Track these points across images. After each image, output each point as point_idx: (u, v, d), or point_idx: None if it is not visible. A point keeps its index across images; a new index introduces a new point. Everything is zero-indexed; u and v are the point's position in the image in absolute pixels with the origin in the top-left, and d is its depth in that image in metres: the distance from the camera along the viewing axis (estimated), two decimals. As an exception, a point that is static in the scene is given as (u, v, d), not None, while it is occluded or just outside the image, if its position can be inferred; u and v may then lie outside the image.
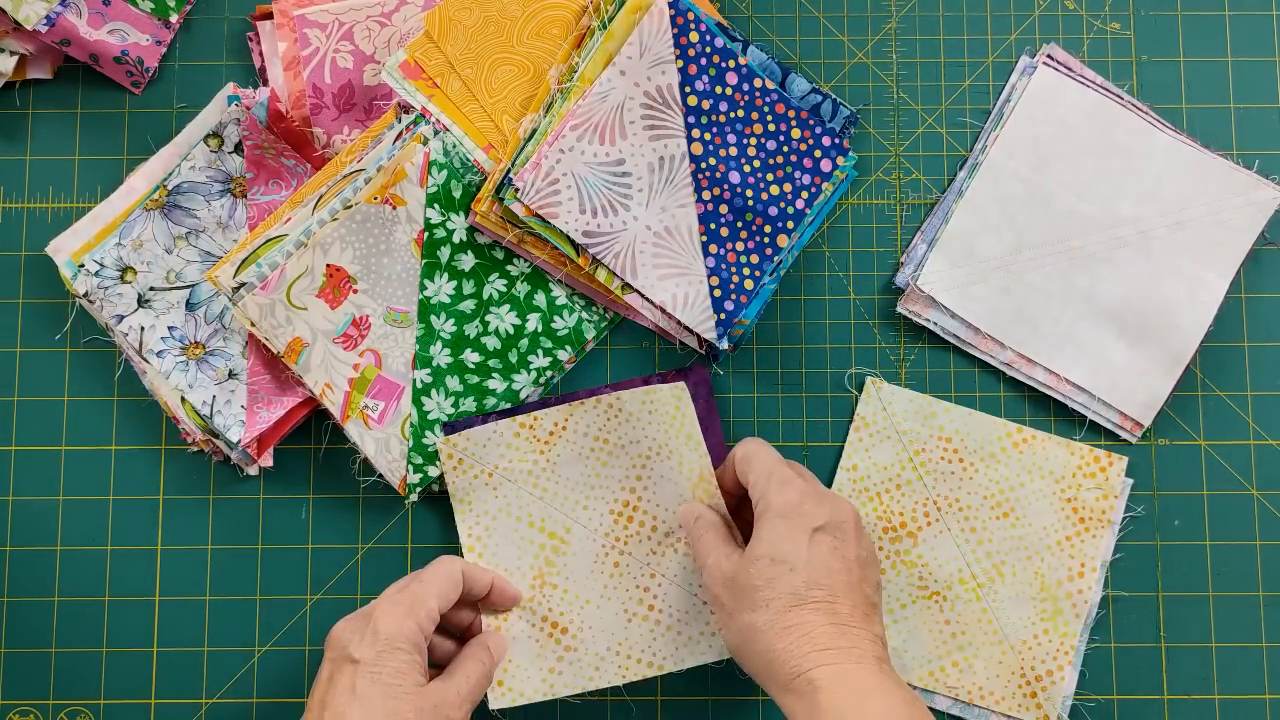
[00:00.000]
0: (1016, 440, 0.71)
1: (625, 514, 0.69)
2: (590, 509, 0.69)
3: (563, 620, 0.69)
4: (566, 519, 0.69)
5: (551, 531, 0.69)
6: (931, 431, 0.71)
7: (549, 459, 0.70)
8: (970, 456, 0.71)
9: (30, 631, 0.71)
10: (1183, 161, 0.72)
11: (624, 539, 0.69)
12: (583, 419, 0.70)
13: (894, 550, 0.71)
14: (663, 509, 0.69)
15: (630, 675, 0.68)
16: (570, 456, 0.70)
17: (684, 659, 0.68)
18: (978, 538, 0.71)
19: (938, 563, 0.70)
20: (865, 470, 0.71)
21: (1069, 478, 0.71)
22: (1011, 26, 0.75)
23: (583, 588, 0.69)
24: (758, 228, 0.70)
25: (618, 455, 0.69)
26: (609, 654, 0.68)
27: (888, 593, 0.70)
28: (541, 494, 0.69)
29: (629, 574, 0.69)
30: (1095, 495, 0.71)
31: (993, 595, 0.70)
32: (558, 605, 0.69)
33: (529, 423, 0.70)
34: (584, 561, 0.69)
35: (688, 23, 0.68)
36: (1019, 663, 0.69)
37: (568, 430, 0.70)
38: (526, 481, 0.70)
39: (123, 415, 0.72)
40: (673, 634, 0.68)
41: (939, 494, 0.71)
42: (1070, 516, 0.70)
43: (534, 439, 0.70)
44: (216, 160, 0.71)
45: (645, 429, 0.69)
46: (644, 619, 0.69)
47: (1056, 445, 0.71)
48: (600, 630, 0.69)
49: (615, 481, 0.69)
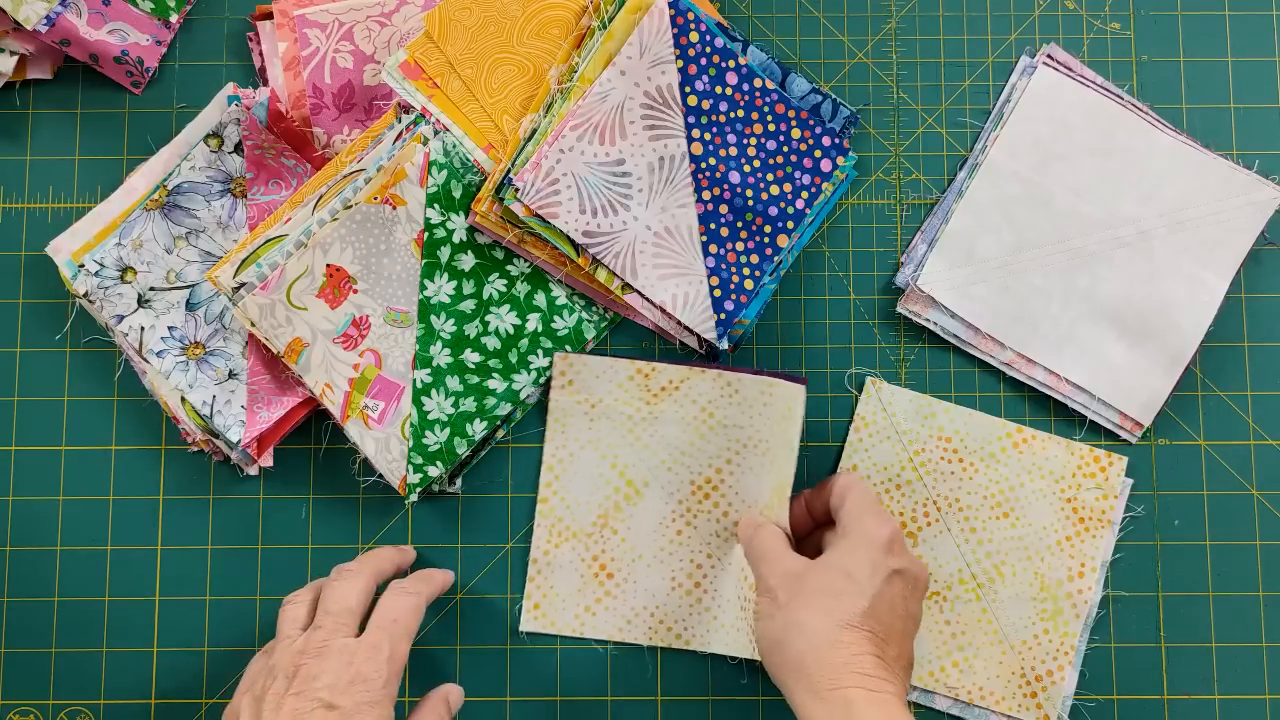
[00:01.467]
0: (1016, 440, 0.71)
1: (704, 490, 0.70)
2: (674, 472, 0.71)
3: (611, 566, 0.71)
4: (648, 473, 0.71)
5: (630, 480, 0.71)
6: (931, 431, 0.71)
7: (652, 411, 0.71)
8: (970, 456, 0.71)
9: (30, 631, 0.71)
10: (1183, 162, 0.72)
11: (695, 512, 0.70)
12: (697, 385, 0.71)
13: None
14: (740, 498, 0.70)
15: (657, 640, 0.70)
16: (673, 416, 0.71)
17: (710, 643, 0.70)
18: (978, 538, 0.71)
19: (937, 563, 0.70)
20: (865, 470, 0.71)
21: (1069, 478, 0.71)
22: (1011, 26, 0.75)
23: (641, 543, 0.70)
24: (758, 228, 0.71)
25: (717, 432, 0.70)
26: (644, 612, 0.70)
27: None
28: (634, 441, 0.71)
29: (688, 545, 0.70)
30: (1095, 495, 0.71)
31: (992, 595, 0.70)
32: (612, 550, 0.71)
33: (646, 370, 0.71)
34: (651, 519, 0.71)
35: (688, 23, 0.68)
36: (1019, 663, 0.69)
37: (680, 391, 0.71)
38: (624, 424, 0.71)
39: (123, 415, 0.72)
40: (709, 616, 0.70)
41: (939, 494, 0.71)
42: (1070, 516, 0.70)
43: (645, 388, 0.71)
44: (216, 160, 0.71)
45: (753, 418, 0.70)
46: (688, 592, 0.70)
47: (1056, 445, 0.71)
48: (643, 588, 0.70)
49: (706, 455, 0.70)
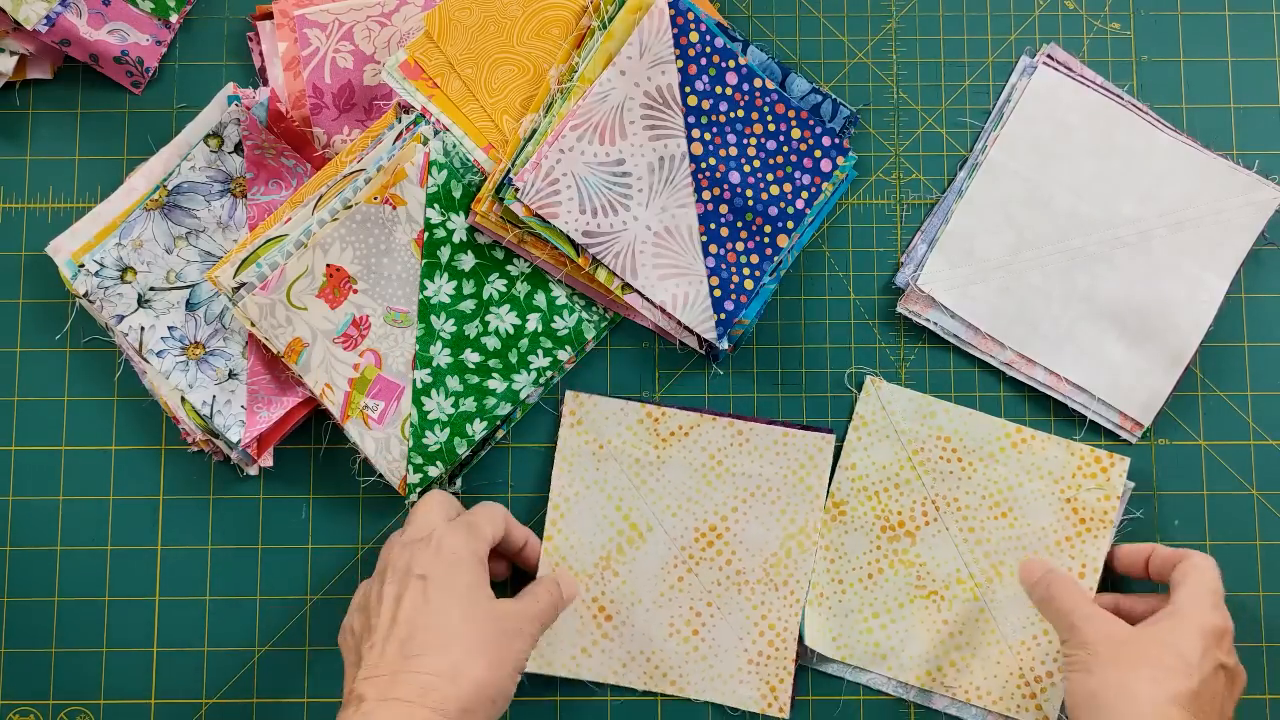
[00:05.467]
0: (1015, 440, 0.71)
1: (709, 536, 0.70)
2: (678, 517, 0.70)
3: (610, 608, 0.70)
4: (652, 518, 0.70)
5: (634, 523, 0.70)
6: (930, 431, 0.71)
7: (660, 455, 0.71)
8: (969, 456, 0.71)
9: (30, 631, 0.71)
10: (1183, 161, 0.72)
11: (698, 558, 0.70)
12: (708, 432, 0.71)
13: (892, 550, 0.71)
14: (744, 548, 0.70)
15: (652, 685, 0.70)
16: (681, 461, 0.71)
17: (705, 691, 0.70)
18: (976, 537, 0.71)
19: (936, 562, 0.70)
20: (864, 469, 0.71)
21: (1069, 478, 0.71)
22: (1011, 26, 0.75)
23: (641, 587, 0.70)
24: (758, 228, 0.71)
25: (725, 479, 0.71)
26: (640, 657, 0.70)
27: (885, 592, 0.70)
28: (640, 485, 0.70)
29: (688, 593, 0.70)
30: (1097, 496, 0.70)
31: (991, 595, 0.70)
32: (611, 592, 0.70)
33: (656, 415, 0.71)
34: (653, 563, 0.70)
35: (688, 23, 0.68)
36: (1017, 663, 0.69)
37: (689, 437, 0.71)
38: (631, 467, 0.71)
39: (123, 415, 0.72)
40: (705, 664, 0.70)
41: (938, 493, 0.71)
42: (1070, 517, 0.70)
43: (654, 432, 0.71)
44: (216, 160, 0.71)
45: (763, 466, 0.70)
46: (685, 640, 0.70)
47: (1056, 445, 0.71)
48: (641, 633, 0.70)
49: (713, 502, 0.70)
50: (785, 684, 0.70)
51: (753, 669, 0.70)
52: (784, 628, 0.70)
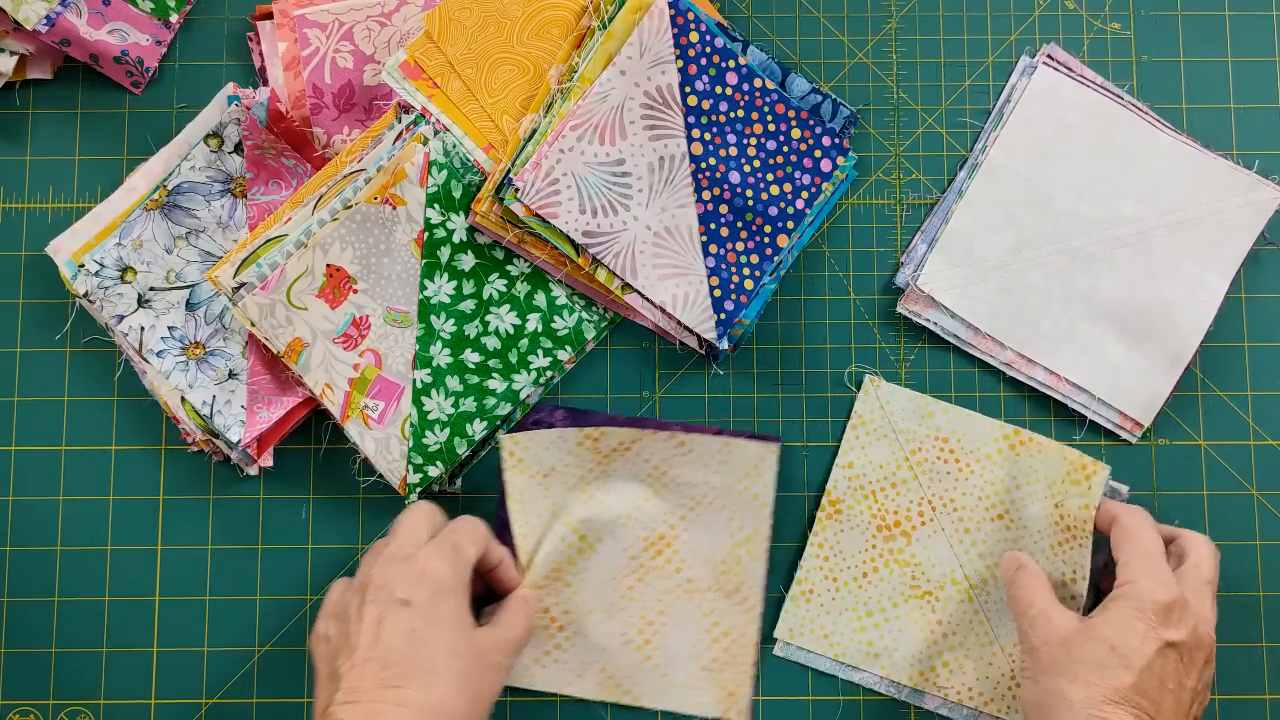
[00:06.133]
0: (1014, 442, 0.71)
1: (657, 545, 0.70)
2: (627, 526, 0.69)
3: (562, 618, 0.69)
4: (600, 528, 0.69)
5: (583, 535, 0.69)
6: (928, 431, 0.71)
7: (604, 470, 0.70)
8: (966, 457, 0.71)
9: (30, 631, 0.71)
10: (1183, 161, 0.72)
11: (648, 567, 0.69)
12: (649, 445, 0.69)
13: (887, 549, 0.70)
14: (693, 555, 0.69)
15: (607, 696, 0.70)
16: (626, 474, 0.70)
17: (660, 700, 0.69)
18: (971, 539, 0.70)
19: (930, 563, 0.70)
20: (861, 468, 0.71)
21: (1058, 484, 0.69)
22: (1011, 26, 0.75)
23: (592, 597, 0.69)
24: (758, 228, 0.71)
25: (671, 489, 0.70)
26: (593, 667, 0.69)
27: (879, 591, 0.70)
28: (587, 499, 0.69)
29: (639, 602, 0.69)
30: (1078, 504, 0.67)
31: (984, 597, 0.70)
32: (562, 602, 0.69)
33: (595, 435, 0.69)
34: (603, 573, 0.69)
35: (688, 23, 0.68)
36: (1010, 665, 0.69)
37: (631, 452, 0.69)
38: (576, 484, 0.69)
39: (123, 415, 0.72)
40: (658, 674, 0.69)
41: (934, 494, 0.71)
42: (1059, 522, 0.68)
43: (595, 451, 0.69)
44: (216, 160, 0.71)
45: (708, 475, 0.69)
46: (637, 649, 0.69)
47: (1051, 449, 0.70)
48: (593, 643, 0.69)
49: (660, 511, 0.69)
50: (744, 689, 0.69)
51: (707, 676, 0.69)
52: (739, 634, 0.69)
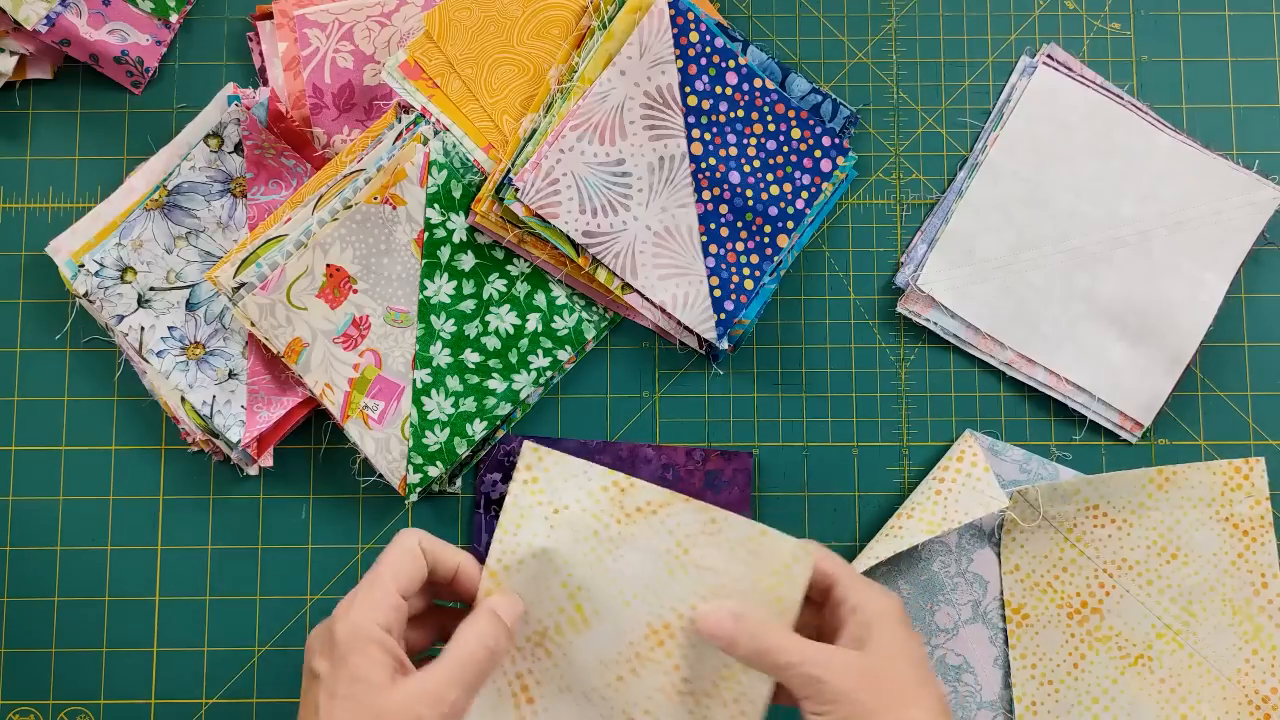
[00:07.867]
0: (1159, 482, 0.70)
1: (660, 635, 0.59)
2: (631, 607, 0.59)
3: (534, 690, 0.60)
4: (601, 604, 0.59)
5: (579, 604, 0.59)
6: (1077, 507, 0.70)
7: (621, 533, 0.59)
8: (1120, 514, 0.70)
9: (30, 631, 0.71)
10: (1183, 161, 0.72)
11: (644, 659, 0.59)
12: (678, 514, 0.59)
13: (1084, 631, 0.70)
14: (696, 655, 0.59)
15: None
16: (644, 543, 0.59)
17: None
18: (1157, 588, 0.69)
19: (1130, 627, 0.69)
20: (1029, 567, 0.70)
21: (1219, 497, 0.70)
22: (1011, 26, 0.75)
23: (574, 675, 0.59)
24: (758, 228, 0.71)
25: (689, 572, 0.59)
26: None
27: (1100, 672, 0.69)
28: (594, 563, 0.59)
29: (625, 694, 0.59)
30: (1248, 504, 0.69)
31: (1192, 637, 0.69)
32: (539, 672, 0.60)
33: (623, 485, 0.59)
34: (592, 653, 0.59)
35: (688, 23, 0.68)
36: (1242, 691, 0.69)
37: (656, 516, 0.59)
38: (587, 540, 0.59)
39: (123, 415, 0.72)
40: None
41: (1105, 561, 0.70)
42: (1233, 533, 0.69)
43: (619, 504, 0.59)
44: (216, 160, 0.71)
45: (733, 564, 0.58)
46: None
47: (1196, 471, 0.70)
48: None
49: (671, 596, 0.59)
50: None
51: None
52: None
